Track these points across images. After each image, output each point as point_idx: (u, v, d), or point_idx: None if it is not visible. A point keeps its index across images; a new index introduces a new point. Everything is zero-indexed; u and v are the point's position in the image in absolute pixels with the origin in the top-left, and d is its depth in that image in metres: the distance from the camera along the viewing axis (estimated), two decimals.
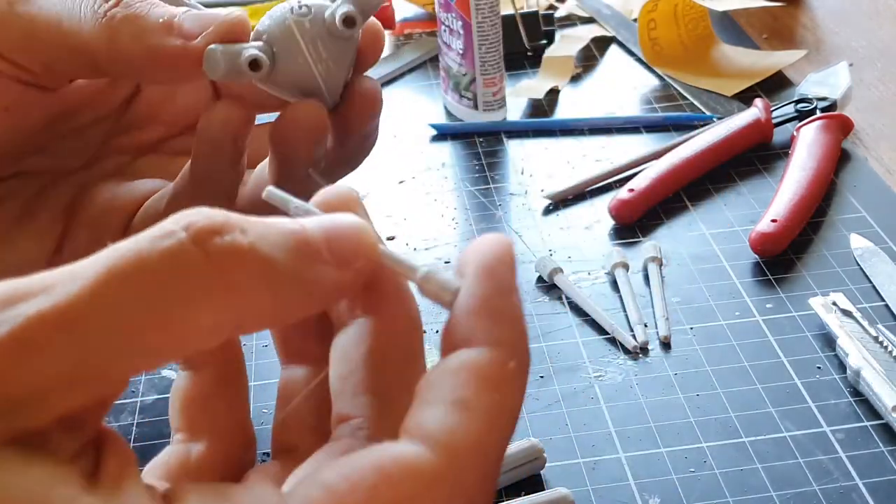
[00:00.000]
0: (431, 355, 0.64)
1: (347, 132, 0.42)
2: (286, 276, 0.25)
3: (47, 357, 0.22)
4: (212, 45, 0.38)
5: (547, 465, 0.51)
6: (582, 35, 0.95)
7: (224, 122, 0.40)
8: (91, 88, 0.46)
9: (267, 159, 0.43)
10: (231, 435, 0.31)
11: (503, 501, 0.49)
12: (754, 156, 0.76)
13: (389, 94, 0.89)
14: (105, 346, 0.23)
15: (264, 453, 0.32)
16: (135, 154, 0.47)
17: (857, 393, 0.54)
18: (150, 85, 0.47)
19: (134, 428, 0.56)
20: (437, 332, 0.61)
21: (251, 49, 0.38)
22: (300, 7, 0.39)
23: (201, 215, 0.24)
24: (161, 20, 0.39)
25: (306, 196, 0.28)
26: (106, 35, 0.39)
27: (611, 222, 0.70)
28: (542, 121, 0.83)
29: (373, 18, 0.40)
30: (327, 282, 0.26)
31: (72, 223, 0.44)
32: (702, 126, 0.79)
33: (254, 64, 0.38)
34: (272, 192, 0.29)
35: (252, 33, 0.40)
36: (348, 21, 0.38)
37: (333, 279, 0.26)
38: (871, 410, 0.53)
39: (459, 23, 0.81)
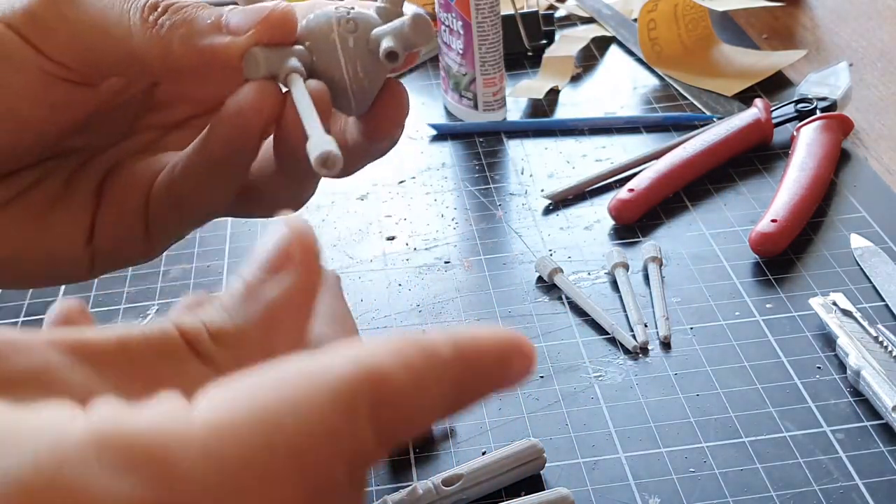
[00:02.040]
0: None
1: (376, 136, 0.43)
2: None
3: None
4: (254, 48, 0.38)
5: (547, 465, 0.51)
6: (582, 35, 0.95)
7: (256, 109, 0.38)
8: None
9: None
10: None
11: (503, 501, 0.49)
12: (754, 156, 0.76)
13: None
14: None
15: None
16: (164, 131, 0.47)
17: (857, 393, 0.54)
18: (202, 88, 0.47)
19: None
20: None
21: (292, 61, 0.38)
22: (347, 21, 0.39)
23: (187, 318, 0.28)
24: (209, 21, 0.39)
25: None
26: (158, 44, 0.39)
27: (611, 222, 0.70)
28: (542, 121, 0.83)
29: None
30: (293, 286, 0.28)
31: (101, 201, 0.44)
32: (702, 126, 0.79)
33: (291, 76, 0.38)
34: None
35: (297, 31, 0.39)
36: (391, 56, 0.38)
37: (299, 283, 0.28)
38: (871, 410, 0.53)
39: (459, 23, 0.81)
